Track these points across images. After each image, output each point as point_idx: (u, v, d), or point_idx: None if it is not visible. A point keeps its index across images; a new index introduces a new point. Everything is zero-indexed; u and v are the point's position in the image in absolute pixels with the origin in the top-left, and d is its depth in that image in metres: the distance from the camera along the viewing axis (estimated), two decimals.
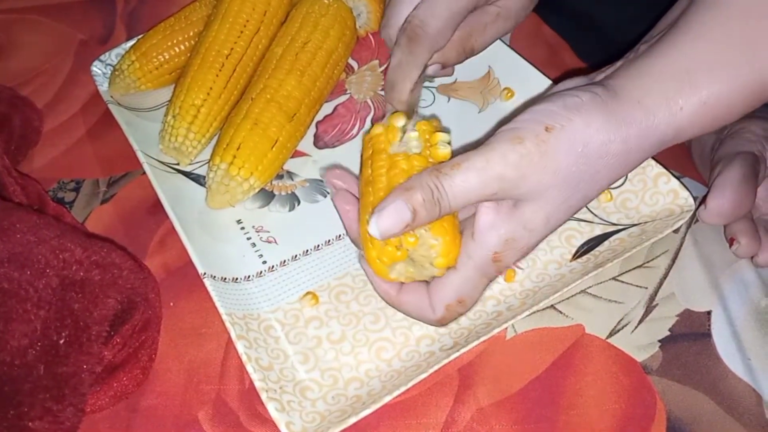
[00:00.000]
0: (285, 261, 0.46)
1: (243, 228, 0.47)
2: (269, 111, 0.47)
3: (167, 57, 0.54)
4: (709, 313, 0.43)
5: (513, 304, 0.42)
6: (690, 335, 0.42)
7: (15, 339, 0.35)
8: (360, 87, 0.56)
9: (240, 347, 0.39)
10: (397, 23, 0.45)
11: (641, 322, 0.43)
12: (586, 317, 0.43)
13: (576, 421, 0.39)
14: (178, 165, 0.51)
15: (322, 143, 0.53)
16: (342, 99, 0.56)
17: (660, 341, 0.42)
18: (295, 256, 0.46)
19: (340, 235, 0.46)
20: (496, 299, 0.42)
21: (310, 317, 0.43)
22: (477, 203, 0.34)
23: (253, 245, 0.46)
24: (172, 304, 0.45)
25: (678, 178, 0.45)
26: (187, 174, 0.51)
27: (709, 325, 0.43)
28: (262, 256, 0.46)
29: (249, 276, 0.45)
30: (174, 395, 0.41)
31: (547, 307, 0.44)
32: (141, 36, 0.56)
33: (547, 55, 0.60)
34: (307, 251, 0.46)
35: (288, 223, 0.48)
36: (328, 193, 0.49)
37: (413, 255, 0.35)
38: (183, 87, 0.50)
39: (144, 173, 0.48)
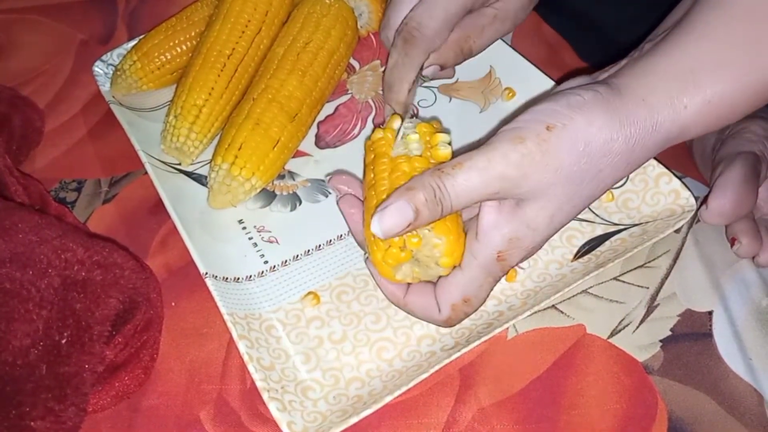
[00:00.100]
0: (286, 261, 0.46)
1: (244, 228, 0.48)
2: (271, 111, 0.47)
3: (169, 57, 0.55)
4: (711, 313, 0.43)
5: (514, 303, 0.42)
6: (691, 335, 0.42)
7: (17, 339, 0.35)
8: (361, 87, 0.56)
9: (241, 347, 0.39)
10: (397, 25, 0.45)
11: (642, 322, 0.43)
12: (587, 317, 0.43)
13: (577, 421, 0.39)
14: (179, 165, 0.51)
15: (323, 143, 0.53)
16: (343, 99, 0.56)
17: (661, 341, 0.42)
18: (297, 255, 0.46)
19: (341, 235, 0.47)
20: (497, 299, 0.42)
21: (311, 317, 0.43)
22: (479, 203, 0.34)
23: (255, 245, 0.46)
24: (173, 303, 0.45)
25: (679, 178, 0.45)
26: (189, 174, 0.51)
27: (711, 325, 0.43)
28: (263, 255, 0.46)
29: (250, 276, 0.45)
30: (175, 395, 0.41)
31: (549, 307, 0.44)
32: (142, 36, 0.56)
33: (548, 55, 0.60)
34: (309, 251, 0.46)
35: (289, 223, 0.48)
36: (329, 193, 0.49)
37: (418, 255, 0.35)
38: (185, 87, 0.50)
39: (146, 173, 0.48)
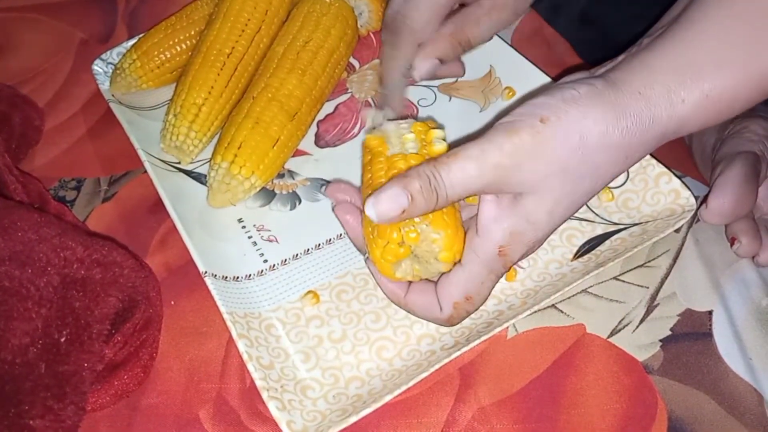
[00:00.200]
0: (286, 260, 0.46)
1: (244, 227, 0.47)
2: (270, 110, 0.47)
3: (168, 56, 0.54)
4: (711, 313, 0.43)
5: (514, 303, 0.42)
6: (691, 335, 0.42)
7: (16, 337, 0.35)
8: (361, 86, 0.56)
9: (241, 346, 0.39)
10: None
11: (642, 321, 0.43)
12: (587, 317, 0.43)
13: (577, 421, 0.39)
14: (179, 164, 0.51)
15: (323, 142, 0.53)
16: (343, 98, 0.56)
17: (661, 341, 0.42)
18: (296, 254, 0.46)
19: (341, 234, 0.46)
20: (497, 298, 0.42)
21: (311, 316, 0.43)
22: (475, 194, 0.34)
23: (254, 244, 0.46)
24: (173, 302, 0.45)
25: (679, 177, 0.45)
26: (189, 173, 0.51)
27: (711, 325, 0.43)
28: (263, 254, 0.46)
29: (250, 275, 0.45)
30: (175, 394, 0.41)
31: (548, 307, 0.44)
32: (142, 35, 0.56)
33: (548, 54, 0.60)
34: (308, 250, 0.46)
35: (289, 222, 0.48)
36: None
37: (417, 251, 0.35)
38: (184, 86, 0.50)
39: (145, 172, 0.48)
